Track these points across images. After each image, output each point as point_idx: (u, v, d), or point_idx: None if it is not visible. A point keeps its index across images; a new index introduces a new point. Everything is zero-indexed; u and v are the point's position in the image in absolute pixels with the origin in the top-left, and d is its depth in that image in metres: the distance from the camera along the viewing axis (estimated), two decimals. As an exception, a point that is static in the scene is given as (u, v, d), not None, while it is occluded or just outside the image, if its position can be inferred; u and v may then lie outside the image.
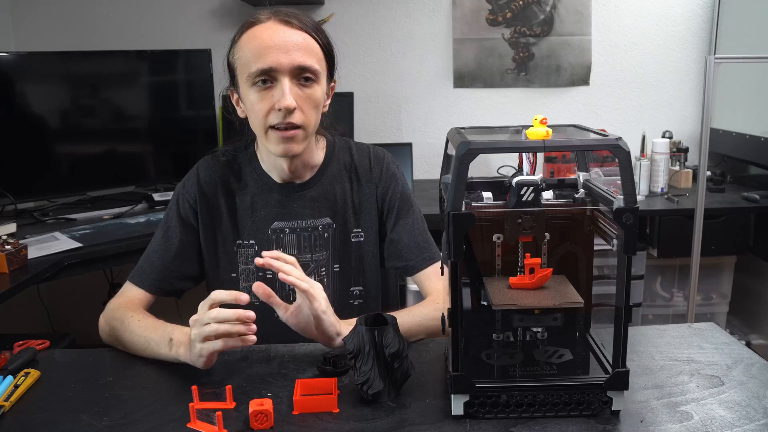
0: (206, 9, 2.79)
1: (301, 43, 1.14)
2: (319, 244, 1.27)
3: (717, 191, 2.48)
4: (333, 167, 1.30)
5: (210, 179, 1.28)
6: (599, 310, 1.14)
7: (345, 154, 1.32)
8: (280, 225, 1.26)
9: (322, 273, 1.27)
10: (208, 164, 1.30)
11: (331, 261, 1.28)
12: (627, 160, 0.80)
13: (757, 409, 0.90)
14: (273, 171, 1.27)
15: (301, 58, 1.13)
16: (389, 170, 1.31)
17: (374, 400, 0.93)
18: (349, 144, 1.34)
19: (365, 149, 1.33)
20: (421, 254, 1.27)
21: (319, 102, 1.18)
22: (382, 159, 1.33)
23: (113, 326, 1.17)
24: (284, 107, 1.11)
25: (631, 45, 2.80)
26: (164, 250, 1.26)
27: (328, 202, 1.28)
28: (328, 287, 1.27)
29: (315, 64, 1.15)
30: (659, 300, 2.56)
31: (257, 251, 1.26)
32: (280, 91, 1.12)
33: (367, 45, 2.82)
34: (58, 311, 2.84)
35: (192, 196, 1.28)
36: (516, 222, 0.91)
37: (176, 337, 1.06)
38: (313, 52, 1.15)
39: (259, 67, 1.11)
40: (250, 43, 1.14)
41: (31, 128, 2.29)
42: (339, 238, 1.28)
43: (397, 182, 1.31)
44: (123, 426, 0.89)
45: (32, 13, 2.79)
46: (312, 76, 1.15)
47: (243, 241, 1.27)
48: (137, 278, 1.26)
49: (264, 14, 1.16)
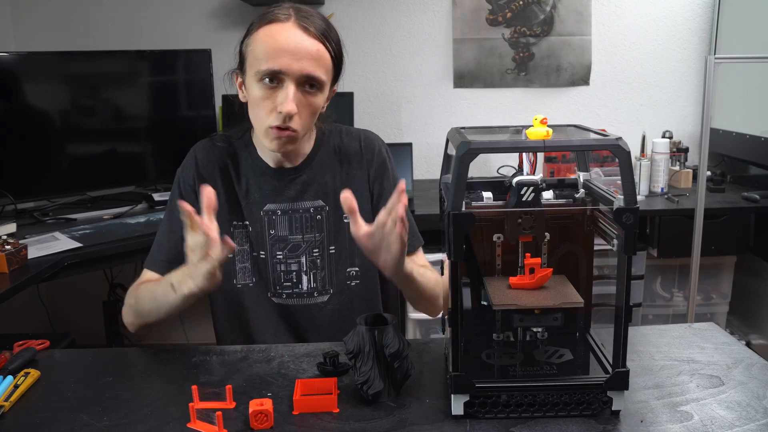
0: (206, 9, 2.79)
1: (314, 53, 1.15)
2: (311, 225, 1.30)
3: (717, 191, 2.48)
4: (323, 152, 1.33)
5: (207, 162, 1.31)
6: (599, 310, 1.14)
7: (335, 138, 1.35)
8: (273, 207, 1.29)
9: (315, 253, 1.30)
10: (205, 147, 1.33)
11: (326, 243, 1.30)
12: (627, 160, 0.80)
13: (757, 409, 0.90)
14: (267, 156, 1.30)
15: (310, 68, 1.15)
16: (380, 156, 1.35)
17: (374, 400, 0.93)
18: (340, 128, 1.37)
19: (355, 133, 1.37)
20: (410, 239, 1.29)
21: (318, 108, 1.21)
22: (372, 143, 1.36)
23: (130, 305, 1.23)
24: (286, 112, 1.14)
25: (631, 45, 2.80)
26: (170, 233, 1.29)
27: (320, 185, 1.31)
28: (323, 269, 1.30)
29: (322, 75, 1.17)
30: (659, 300, 2.56)
31: (250, 232, 1.29)
32: (284, 95, 1.14)
33: (367, 45, 2.82)
34: (58, 311, 2.84)
35: (191, 178, 1.30)
36: (516, 222, 0.91)
37: (175, 279, 1.09)
38: (323, 62, 1.17)
39: (269, 67, 1.13)
40: (266, 40, 1.15)
41: (31, 128, 2.29)
42: (332, 221, 1.31)
43: (388, 170, 1.35)
44: (123, 426, 0.89)
45: (32, 13, 2.79)
46: (317, 86, 1.18)
47: (237, 222, 1.30)
48: (150, 263, 1.30)
49: (284, 12, 1.17)
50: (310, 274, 1.30)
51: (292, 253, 1.29)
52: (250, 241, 1.30)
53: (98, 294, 2.74)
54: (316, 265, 1.30)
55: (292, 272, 1.30)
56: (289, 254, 1.29)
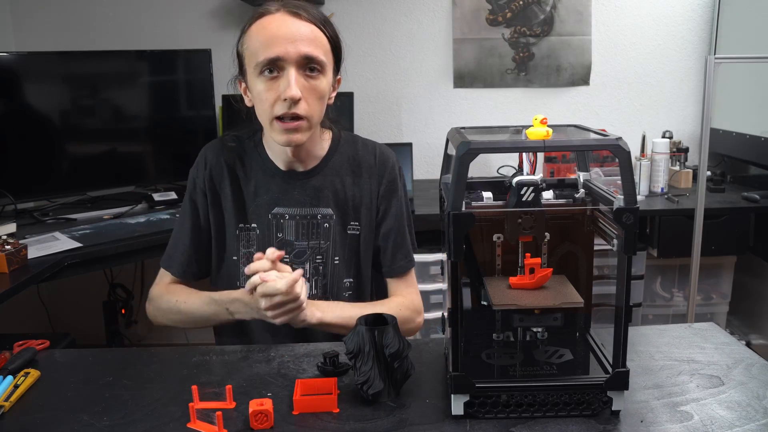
0: (206, 9, 2.79)
1: (309, 34, 1.16)
2: (318, 232, 1.29)
3: (717, 191, 2.48)
4: (336, 159, 1.32)
5: (216, 162, 1.31)
6: (599, 310, 1.14)
7: (350, 148, 1.33)
8: (281, 210, 1.29)
9: (318, 260, 1.29)
10: (215, 148, 1.33)
11: (331, 252, 1.29)
12: (627, 160, 0.80)
13: (757, 409, 0.90)
14: (277, 158, 1.29)
15: (307, 48, 1.15)
16: (393, 173, 1.33)
17: (374, 400, 0.93)
18: (356, 139, 1.36)
19: (372, 145, 1.35)
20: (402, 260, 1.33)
21: (325, 93, 1.20)
22: (387, 159, 1.34)
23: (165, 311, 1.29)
24: (289, 97, 1.13)
25: (631, 45, 2.80)
26: (182, 234, 1.31)
27: (329, 192, 1.29)
28: (325, 276, 1.29)
29: (321, 56, 1.17)
30: (659, 300, 2.56)
31: (258, 235, 1.29)
32: (286, 81, 1.14)
33: (367, 45, 2.82)
34: (58, 311, 2.84)
35: (201, 180, 1.31)
36: (516, 222, 0.91)
37: (232, 306, 1.19)
38: (320, 43, 1.17)
39: (266, 56, 1.14)
40: (258, 33, 1.16)
41: (32, 128, 2.28)
42: (338, 230, 1.30)
43: (398, 189, 1.33)
44: (123, 426, 0.89)
45: (32, 13, 2.79)
46: (318, 67, 1.17)
47: (245, 225, 1.30)
48: (166, 262, 1.33)
49: (273, 6, 1.18)
50: (312, 281, 1.29)
51: (297, 259, 1.28)
52: (256, 244, 1.28)
53: (98, 294, 2.74)
54: (318, 272, 1.29)
55: None
56: (294, 259, 1.28)
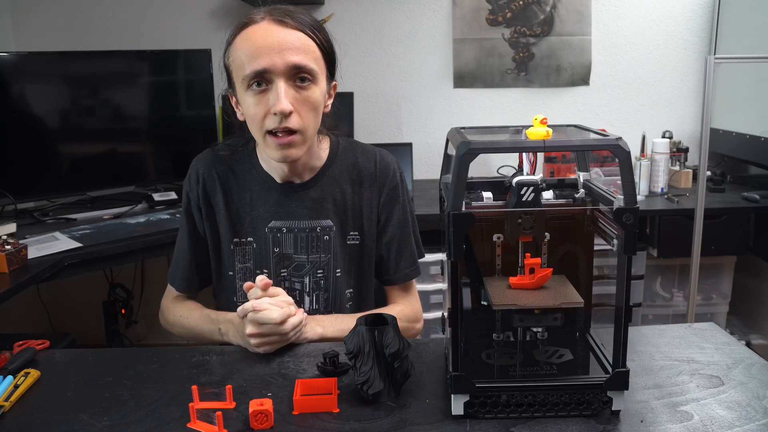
0: (206, 9, 2.79)
1: (296, 42, 1.10)
2: (318, 246, 1.25)
3: (717, 191, 2.48)
4: (335, 168, 1.27)
5: (208, 175, 1.28)
6: (599, 310, 1.14)
7: (349, 155, 1.29)
8: (278, 224, 1.24)
9: (319, 274, 1.26)
10: (206, 160, 1.29)
11: (332, 265, 1.26)
12: (627, 160, 0.80)
13: (757, 409, 0.90)
14: (273, 170, 1.25)
15: (295, 57, 1.09)
16: (394, 180, 1.29)
17: (374, 400, 0.93)
18: (355, 145, 1.31)
19: (372, 152, 1.30)
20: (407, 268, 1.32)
21: (318, 104, 1.14)
22: (388, 166, 1.30)
23: (172, 324, 1.32)
24: (279, 111, 1.08)
25: (631, 45, 2.80)
26: (182, 249, 1.31)
27: (329, 203, 1.25)
28: (327, 290, 1.26)
29: (311, 64, 1.11)
30: (659, 300, 2.56)
31: (255, 249, 1.26)
32: (275, 95, 1.09)
33: (367, 45, 2.82)
34: (58, 311, 2.84)
35: (195, 194, 1.28)
36: (516, 222, 0.91)
37: (224, 327, 1.18)
38: (308, 51, 1.11)
39: (252, 69, 1.08)
40: (243, 44, 1.11)
41: (32, 128, 2.28)
42: (338, 242, 1.26)
43: (399, 196, 1.30)
44: (123, 426, 0.89)
45: (32, 13, 2.79)
46: (308, 77, 1.11)
47: (241, 239, 1.26)
48: (171, 277, 1.34)
49: (258, 14, 1.13)
50: (313, 296, 1.26)
51: (296, 272, 1.25)
52: (252, 258, 1.26)
53: (98, 294, 2.74)
54: (320, 286, 1.26)
55: (296, 291, 1.25)
56: (293, 273, 1.25)
